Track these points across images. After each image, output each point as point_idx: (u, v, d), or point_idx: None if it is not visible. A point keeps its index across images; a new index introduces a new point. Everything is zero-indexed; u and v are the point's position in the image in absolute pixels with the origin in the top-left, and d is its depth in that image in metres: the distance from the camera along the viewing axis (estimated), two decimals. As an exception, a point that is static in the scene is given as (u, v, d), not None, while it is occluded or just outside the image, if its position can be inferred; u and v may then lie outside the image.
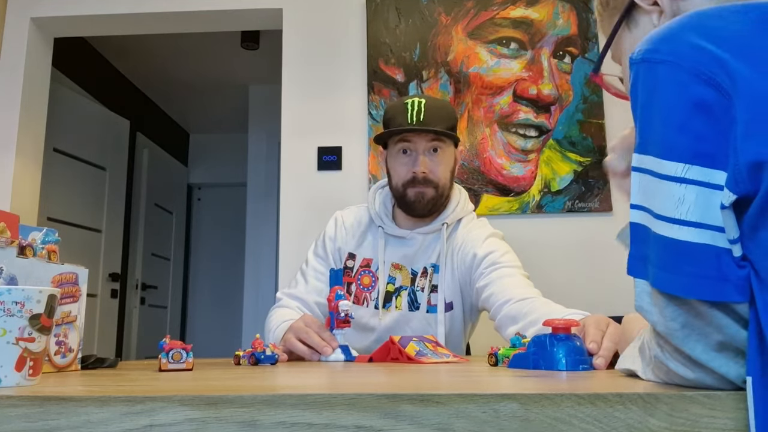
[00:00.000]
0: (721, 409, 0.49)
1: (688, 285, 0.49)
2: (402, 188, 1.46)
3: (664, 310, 0.51)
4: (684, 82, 0.52)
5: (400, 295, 1.47)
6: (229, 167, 5.57)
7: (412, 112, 1.42)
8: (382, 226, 1.51)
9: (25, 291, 0.63)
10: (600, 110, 2.50)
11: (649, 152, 0.53)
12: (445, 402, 0.49)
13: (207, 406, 0.49)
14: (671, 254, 0.50)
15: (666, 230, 0.50)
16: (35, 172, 2.84)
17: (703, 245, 0.49)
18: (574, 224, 2.45)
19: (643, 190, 0.53)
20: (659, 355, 0.54)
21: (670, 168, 0.51)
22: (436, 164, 1.45)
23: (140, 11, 2.77)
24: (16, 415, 0.49)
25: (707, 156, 0.50)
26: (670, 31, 0.56)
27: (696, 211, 0.49)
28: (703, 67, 0.51)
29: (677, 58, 0.53)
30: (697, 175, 0.50)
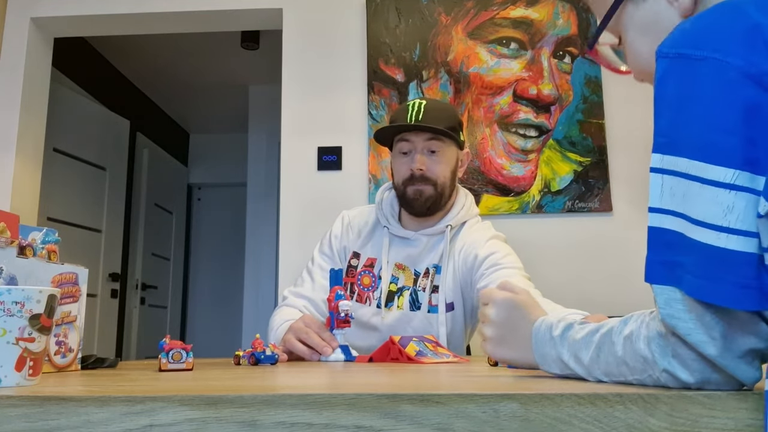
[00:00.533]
0: (721, 409, 0.49)
1: (733, 294, 0.48)
2: (402, 186, 1.48)
3: (703, 317, 0.49)
4: (734, 82, 0.49)
5: (402, 295, 1.48)
6: (229, 167, 5.57)
7: (411, 112, 1.45)
8: (387, 227, 1.53)
9: (25, 291, 0.63)
10: (600, 110, 2.50)
11: (683, 154, 0.50)
12: (445, 402, 0.49)
13: (207, 406, 0.49)
14: (715, 263, 0.48)
15: (709, 238, 0.48)
16: (35, 172, 2.84)
17: (747, 254, 0.48)
18: (574, 224, 2.45)
19: (672, 194, 0.51)
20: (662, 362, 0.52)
21: (717, 173, 0.48)
22: (434, 162, 1.46)
23: (140, 11, 2.77)
24: (16, 415, 0.49)
25: (756, 162, 0.48)
26: (712, 22, 0.52)
27: (746, 219, 0.48)
28: (756, 67, 0.48)
29: (725, 56, 0.49)
30: (746, 182, 0.48)
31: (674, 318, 0.51)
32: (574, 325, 0.64)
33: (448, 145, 1.48)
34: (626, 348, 0.56)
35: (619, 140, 2.50)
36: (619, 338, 0.57)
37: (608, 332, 0.59)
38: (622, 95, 2.54)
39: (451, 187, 1.51)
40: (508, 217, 2.45)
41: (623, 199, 2.46)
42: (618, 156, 2.48)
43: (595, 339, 0.60)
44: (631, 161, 2.48)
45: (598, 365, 0.59)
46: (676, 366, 0.52)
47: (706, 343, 0.49)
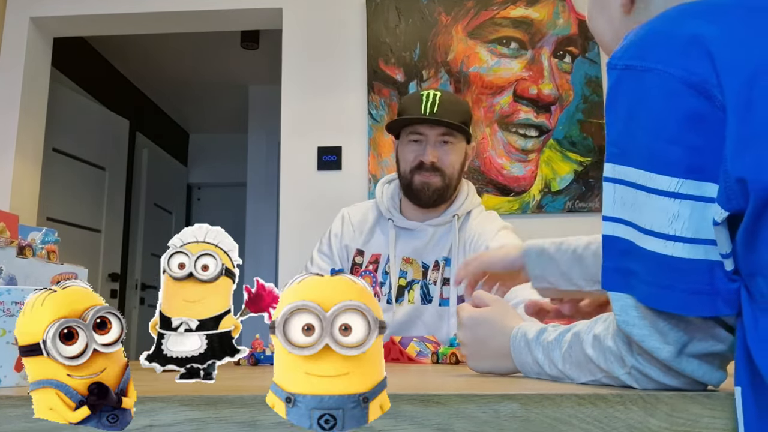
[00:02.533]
0: (721, 409, 0.49)
1: (683, 301, 0.48)
2: (409, 174, 1.46)
3: (656, 323, 0.50)
4: (676, 92, 0.49)
5: (412, 289, 1.47)
6: (229, 167, 5.57)
7: (426, 103, 1.42)
8: (391, 219, 1.50)
9: (24, 291, 0.63)
10: (600, 110, 2.50)
11: (632, 164, 0.51)
12: (445, 402, 0.49)
13: (207, 407, 0.49)
14: (664, 271, 0.49)
15: (657, 246, 0.49)
16: (35, 172, 2.84)
17: (697, 261, 0.48)
18: (575, 224, 2.45)
19: (623, 203, 0.51)
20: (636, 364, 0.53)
21: (662, 182, 0.49)
22: (446, 153, 1.45)
23: (140, 11, 2.77)
24: (16, 415, 0.49)
25: (700, 169, 0.48)
26: (655, 34, 0.53)
27: (691, 226, 0.48)
28: (696, 76, 0.49)
29: (667, 66, 0.50)
30: (691, 190, 0.48)
31: (629, 325, 0.51)
32: (548, 328, 0.66)
33: (459, 140, 1.48)
34: (595, 346, 0.57)
35: (619, 140, 2.50)
36: (588, 337, 0.58)
37: (578, 332, 0.60)
38: (622, 95, 2.53)
39: (458, 179, 1.50)
40: (508, 217, 2.44)
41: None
42: (618, 156, 2.48)
43: (566, 338, 0.61)
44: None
45: (570, 364, 0.60)
46: (644, 363, 0.52)
47: (660, 349, 0.50)
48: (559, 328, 0.65)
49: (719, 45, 0.49)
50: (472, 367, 0.76)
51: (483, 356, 0.74)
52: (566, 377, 0.61)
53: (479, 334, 0.74)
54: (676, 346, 0.50)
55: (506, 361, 0.70)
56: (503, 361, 0.71)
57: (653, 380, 0.52)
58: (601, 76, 2.52)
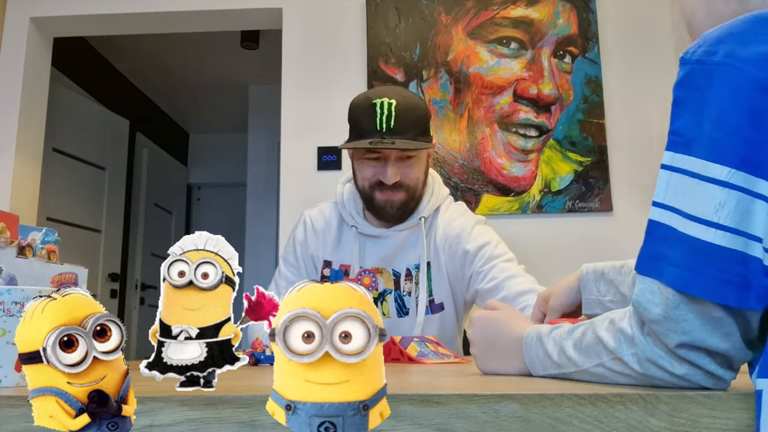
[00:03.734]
0: (722, 409, 0.49)
1: (713, 287, 0.49)
2: (369, 190, 1.34)
3: (674, 310, 0.51)
4: (742, 86, 0.51)
5: (385, 300, 1.38)
6: (229, 167, 5.57)
7: (381, 116, 1.28)
8: (355, 226, 1.39)
9: (24, 291, 0.63)
10: (600, 110, 2.50)
11: (694, 153, 0.53)
12: (445, 402, 0.49)
13: (207, 407, 0.49)
14: (698, 255, 0.50)
15: (698, 232, 0.50)
16: (35, 172, 2.84)
17: (733, 251, 0.49)
18: (575, 224, 2.45)
19: (675, 190, 0.53)
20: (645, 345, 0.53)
21: (714, 170, 0.51)
22: (408, 167, 1.33)
23: (140, 11, 2.77)
24: (16, 415, 0.49)
25: (754, 164, 0.50)
26: (729, 32, 0.55)
27: (735, 217, 0.50)
28: (763, 72, 0.51)
29: (736, 61, 0.52)
30: (740, 182, 0.50)
31: (642, 306, 0.53)
32: (562, 325, 0.67)
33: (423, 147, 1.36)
34: (609, 329, 0.58)
35: (620, 140, 2.50)
36: (604, 322, 0.59)
37: (594, 321, 0.61)
38: (622, 95, 2.54)
39: (423, 186, 1.38)
40: (508, 217, 2.45)
41: (623, 199, 2.45)
42: (618, 156, 2.48)
43: (580, 329, 0.62)
44: (632, 161, 2.48)
45: (579, 351, 0.61)
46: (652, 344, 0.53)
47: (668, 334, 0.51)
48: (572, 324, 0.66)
49: None
50: (479, 366, 0.77)
51: (490, 355, 0.75)
52: (571, 364, 0.61)
53: (488, 334, 0.76)
54: (688, 336, 0.50)
55: (513, 361, 0.71)
56: (510, 361, 0.71)
57: (656, 365, 0.52)
58: (601, 76, 2.52)
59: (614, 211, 2.44)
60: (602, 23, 2.58)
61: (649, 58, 2.56)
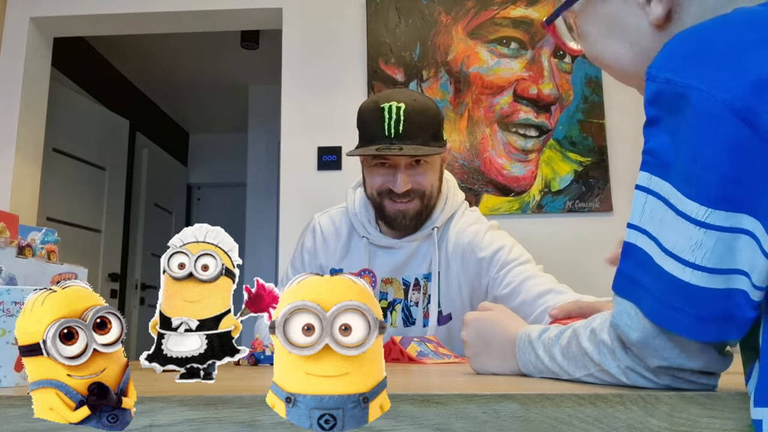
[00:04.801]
0: (721, 410, 0.49)
1: (691, 327, 0.47)
2: (379, 198, 1.30)
3: (652, 339, 0.50)
4: (717, 117, 0.46)
5: (394, 310, 1.35)
6: (229, 167, 5.57)
7: (390, 121, 1.23)
8: (366, 237, 1.35)
9: (24, 291, 0.63)
10: (600, 110, 2.50)
11: (669, 179, 0.49)
12: (445, 402, 0.49)
13: (206, 407, 0.49)
14: (676, 293, 0.48)
15: (676, 269, 0.47)
16: (35, 171, 2.84)
17: (713, 290, 0.47)
18: (575, 224, 2.45)
19: (651, 215, 0.50)
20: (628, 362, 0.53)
21: (691, 208, 0.47)
22: (420, 174, 1.28)
23: (140, 11, 2.77)
24: (16, 415, 0.49)
25: (734, 200, 0.46)
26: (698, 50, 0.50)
27: (713, 257, 0.46)
28: (740, 101, 0.45)
29: (710, 87, 0.47)
30: (718, 220, 0.46)
31: (620, 329, 0.52)
32: (550, 328, 0.67)
33: None
34: (591, 339, 0.57)
35: (619, 140, 2.50)
36: (586, 331, 0.59)
37: (577, 328, 0.61)
38: (622, 95, 2.54)
39: (438, 192, 1.34)
40: (508, 217, 2.45)
41: (623, 199, 2.45)
42: (618, 156, 2.48)
43: (566, 334, 0.62)
44: (632, 161, 2.48)
45: (567, 359, 0.60)
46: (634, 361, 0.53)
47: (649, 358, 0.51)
48: (560, 327, 0.65)
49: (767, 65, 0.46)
50: (473, 367, 0.77)
51: (485, 356, 0.75)
52: (564, 372, 0.61)
53: (482, 334, 0.76)
54: (666, 361, 0.50)
55: (508, 361, 0.71)
56: (505, 361, 0.71)
57: (641, 376, 0.53)
58: (601, 77, 2.52)
59: (614, 211, 2.44)
60: (602, 23, 2.58)
61: (649, 58, 2.56)
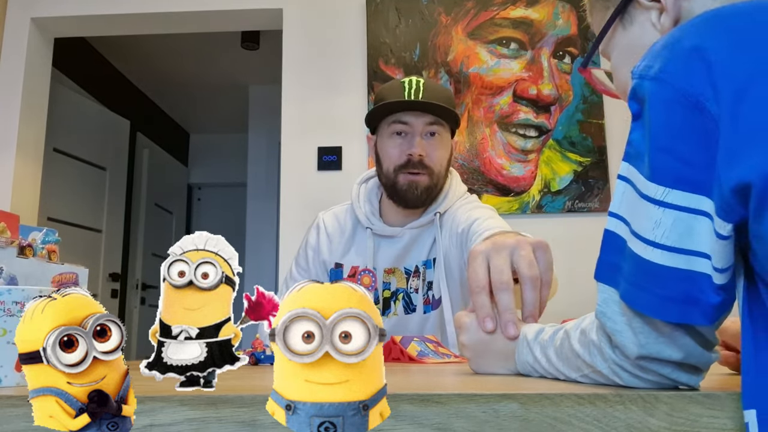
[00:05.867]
0: (721, 409, 0.49)
1: (655, 305, 0.49)
2: (393, 174, 1.33)
3: (632, 321, 0.52)
4: (673, 103, 0.50)
5: (398, 299, 1.38)
6: (229, 167, 5.57)
7: (409, 90, 1.29)
8: (370, 228, 1.38)
9: (25, 291, 0.63)
10: (600, 110, 2.50)
11: (637, 167, 0.53)
12: (445, 402, 0.49)
13: (207, 406, 0.49)
14: (642, 273, 0.50)
15: (640, 249, 0.50)
16: (35, 172, 2.84)
17: (674, 269, 0.49)
18: (574, 224, 2.45)
19: (627, 203, 0.53)
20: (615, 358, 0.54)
21: (651, 189, 0.50)
22: (434, 148, 1.32)
23: (140, 11, 2.77)
24: (16, 415, 0.49)
25: (690, 182, 0.49)
26: (665, 45, 0.54)
27: (671, 235, 0.49)
28: (693, 88, 0.49)
29: (668, 76, 0.51)
30: (676, 200, 0.49)
31: (606, 317, 0.53)
32: (545, 328, 0.67)
33: (446, 130, 1.35)
34: (581, 340, 0.58)
35: (619, 140, 2.50)
36: (576, 332, 0.60)
37: (568, 329, 0.62)
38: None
39: (444, 178, 1.38)
40: (508, 217, 2.43)
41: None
42: (618, 156, 2.48)
43: (559, 335, 0.63)
44: (631, 161, 2.48)
45: (562, 361, 0.61)
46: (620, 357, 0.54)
47: (628, 346, 0.52)
48: (555, 326, 0.66)
49: (718, 56, 0.49)
50: (473, 368, 0.77)
51: (485, 358, 0.75)
52: (561, 374, 0.62)
53: (483, 337, 0.75)
54: (644, 349, 0.51)
55: (508, 362, 0.71)
56: (505, 362, 0.72)
57: (630, 373, 0.53)
58: (602, 77, 2.52)
59: (614, 211, 2.44)
60: (602, 23, 2.58)
61: (649, 58, 2.56)
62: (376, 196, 1.44)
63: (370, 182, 1.47)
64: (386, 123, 1.35)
